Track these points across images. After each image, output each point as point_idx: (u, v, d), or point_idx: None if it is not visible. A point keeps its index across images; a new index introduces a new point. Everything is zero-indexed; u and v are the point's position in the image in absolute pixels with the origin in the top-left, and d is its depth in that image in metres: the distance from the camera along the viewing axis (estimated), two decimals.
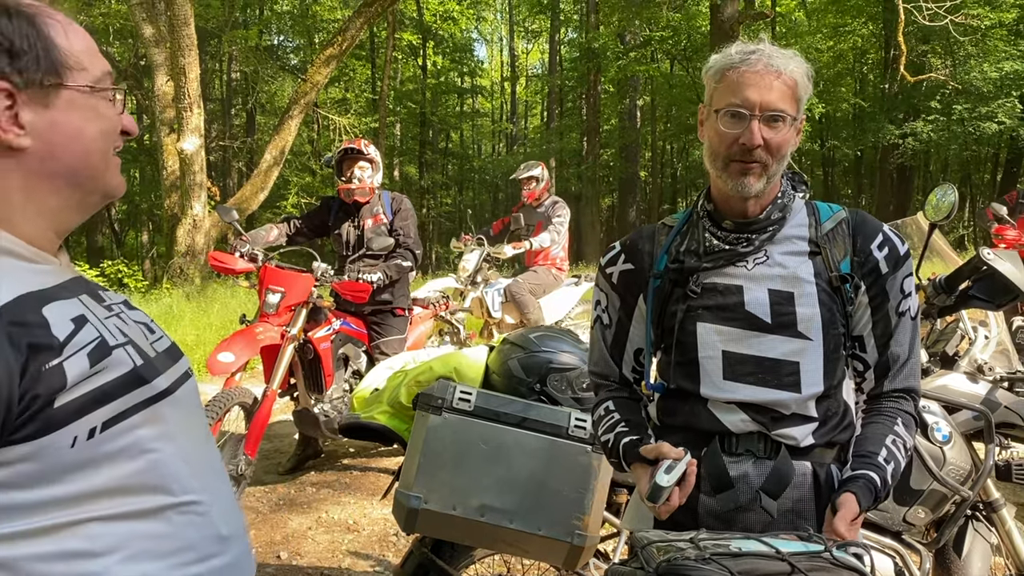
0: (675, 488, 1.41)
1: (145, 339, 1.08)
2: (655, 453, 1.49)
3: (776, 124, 1.49)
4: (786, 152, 1.53)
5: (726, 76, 1.52)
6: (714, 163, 1.55)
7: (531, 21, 33.19)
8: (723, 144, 1.51)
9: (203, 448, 1.11)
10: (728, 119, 1.50)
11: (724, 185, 1.54)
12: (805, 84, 1.54)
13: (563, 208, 6.66)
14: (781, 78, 1.49)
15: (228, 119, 25.88)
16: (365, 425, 2.42)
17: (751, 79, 1.49)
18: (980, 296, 2.39)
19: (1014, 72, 18.46)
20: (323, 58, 12.74)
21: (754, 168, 1.50)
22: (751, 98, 1.48)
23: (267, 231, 4.66)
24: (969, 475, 2.38)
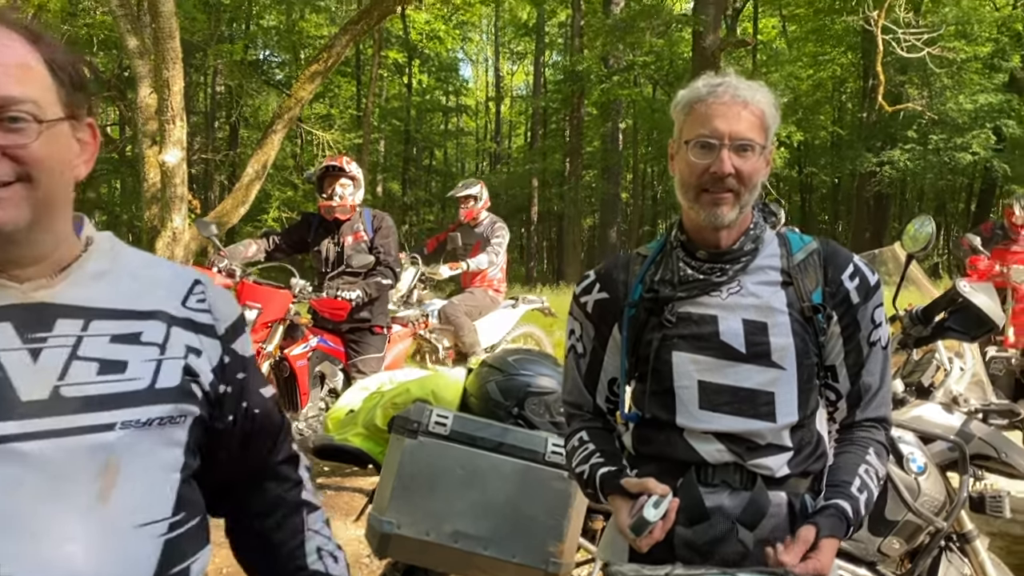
0: (659, 522, 1.41)
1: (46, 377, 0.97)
2: (640, 487, 1.47)
3: (745, 153, 1.51)
4: (757, 181, 1.54)
5: (694, 109, 1.54)
6: (686, 194, 1.56)
7: (516, 43, 33.39)
8: (694, 175, 1.53)
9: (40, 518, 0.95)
10: (698, 150, 1.51)
11: (696, 216, 1.55)
12: (772, 114, 1.56)
13: (502, 229, 6.48)
14: (748, 108, 1.52)
15: (211, 132, 25.74)
16: (339, 447, 2.39)
17: (719, 110, 1.51)
18: (956, 328, 2.41)
19: (988, 104, 18.81)
20: (308, 74, 12.66)
21: (726, 198, 1.52)
22: (720, 128, 1.50)
23: (245, 246, 4.62)
24: (943, 506, 2.38)
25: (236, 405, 1.13)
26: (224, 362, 1.11)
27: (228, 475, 1.17)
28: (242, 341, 1.16)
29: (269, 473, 1.21)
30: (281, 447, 1.22)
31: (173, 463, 1.05)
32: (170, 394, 1.04)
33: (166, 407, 1.03)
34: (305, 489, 1.23)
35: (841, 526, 1.45)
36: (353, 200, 4.59)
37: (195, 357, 1.07)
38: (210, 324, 1.11)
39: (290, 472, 1.24)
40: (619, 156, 23.35)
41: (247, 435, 1.16)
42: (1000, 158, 19.16)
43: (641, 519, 1.39)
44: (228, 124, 25.34)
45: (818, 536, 1.41)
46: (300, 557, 1.19)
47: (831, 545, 1.42)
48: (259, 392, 1.17)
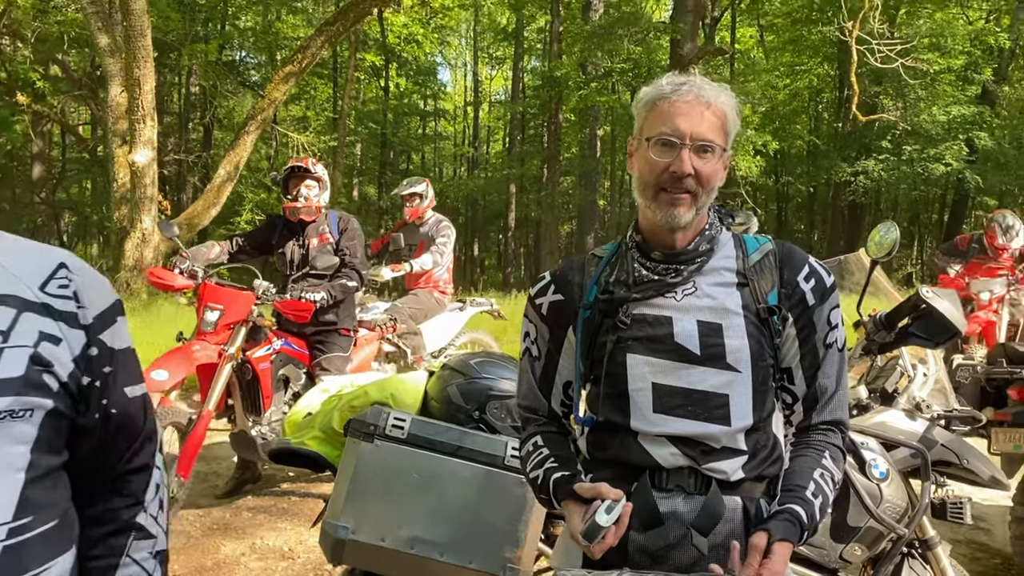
0: (612, 527, 1.37)
1: None
2: (592, 493, 1.44)
3: (706, 155, 1.49)
4: (714, 184, 1.53)
5: (657, 106, 1.52)
6: (644, 193, 1.54)
7: (495, 48, 33.40)
8: (653, 173, 1.51)
9: None
10: (659, 148, 1.49)
11: (653, 216, 1.53)
12: (734, 118, 1.55)
13: (448, 228, 6.26)
14: (711, 109, 1.50)
15: (185, 133, 25.49)
16: (295, 451, 2.33)
17: (682, 108, 1.49)
18: (919, 334, 2.41)
19: (961, 116, 19.08)
20: (282, 75, 12.64)
21: (684, 198, 1.50)
22: (682, 127, 1.48)
23: (209, 248, 4.56)
24: (905, 513, 2.38)
25: (97, 402, 1.05)
26: (89, 353, 1.03)
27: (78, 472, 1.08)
28: (112, 332, 1.07)
29: (114, 481, 1.10)
30: (138, 454, 1.11)
31: (15, 462, 0.96)
32: (10, 385, 0.95)
33: (5, 399, 0.95)
34: (144, 513, 1.12)
35: (794, 531, 1.42)
36: (319, 202, 4.54)
37: (50, 345, 0.99)
38: (72, 311, 1.02)
39: (135, 487, 1.12)
40: (597, 163, 23.40)
41: (105, 434, 1.07)
42: (972, 169, 19.41)
43: (594, 524, 1.35)
44: (202, 125, 25.10)
45: (770, 541, 1.38)
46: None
47: (784, 550, 1.39)
48: (123, 390, 1.08)
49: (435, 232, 6.17)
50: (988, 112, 19.89)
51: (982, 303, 6.46)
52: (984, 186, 20.17)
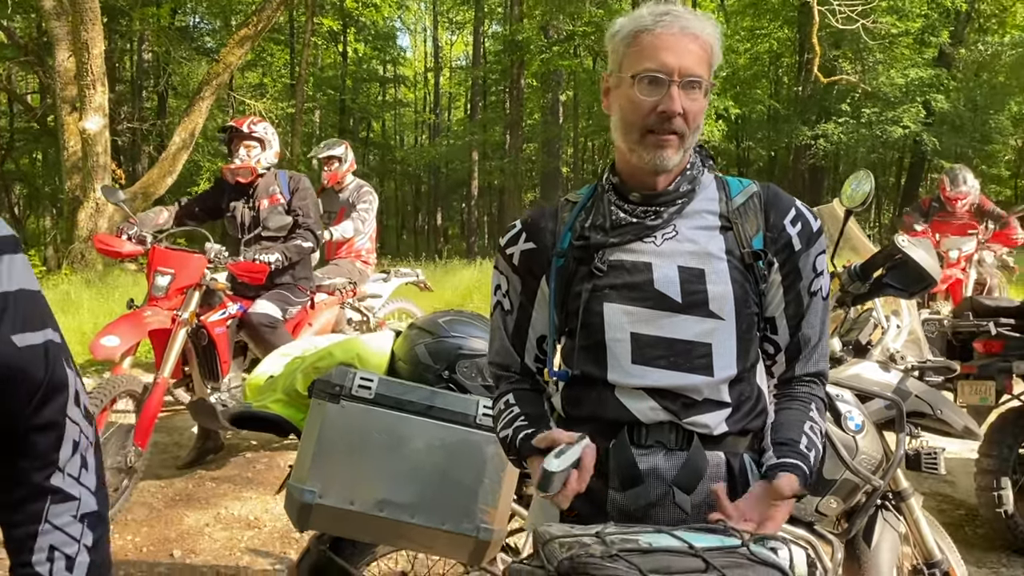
0: (573, 472, 1.28)
1: None
2: (547, 442, 1.37)
3: (693, 91, 1.41)
4: (700, 123, 1.45)
5: (639, 39, 1.42)
6: (627, 135, 1.44)
7: (455, 12, 32.95)
8: (639, 114, 1.41)
9: None
10: (645, 86, 1.40)
11: (639, 160, 1.44)
12: (718, 51, 1.46)
13: (370, 194, 5.89)
14: (698, 41, 1.41)
15: (138, 101, 24.80)
16: (257, 415, 2.24)
17: (667, 41, 1.39)
18: (894, 284, 2.38)
19: (919, 79, 19.25)
20: (238, 38, 12.29)
21: (671, 140, 1.41)
22: (669, 63, 1.38)
23: (156, 213, 4.41)
24: (880, 464, 2.36)
25: None
26: None
27: None
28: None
29: (18, 440, 0.98)
30: (39, 411, 0.98)
31: None
32: None
33: None
34: (60, 474, 0.99)
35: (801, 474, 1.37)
36: (259, 162, 4.38)
37: None
38: None
39: (43, 446, 0.99)
40: (559, 129, 23.29)
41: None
42: (929, 132, 19.65)
43: (544, 472, 1.25)
44: (156, 93, 24.43)
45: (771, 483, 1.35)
46: (26, 552, 0.99)
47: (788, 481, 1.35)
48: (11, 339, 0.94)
49: (356, 198, 5.83)
50: (945, 75, 20.10)
51: (951, 261, 6.54)
52: (940, 148, 20.43)
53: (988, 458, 3.58)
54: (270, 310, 4.26)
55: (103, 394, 3.41)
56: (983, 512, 3.65)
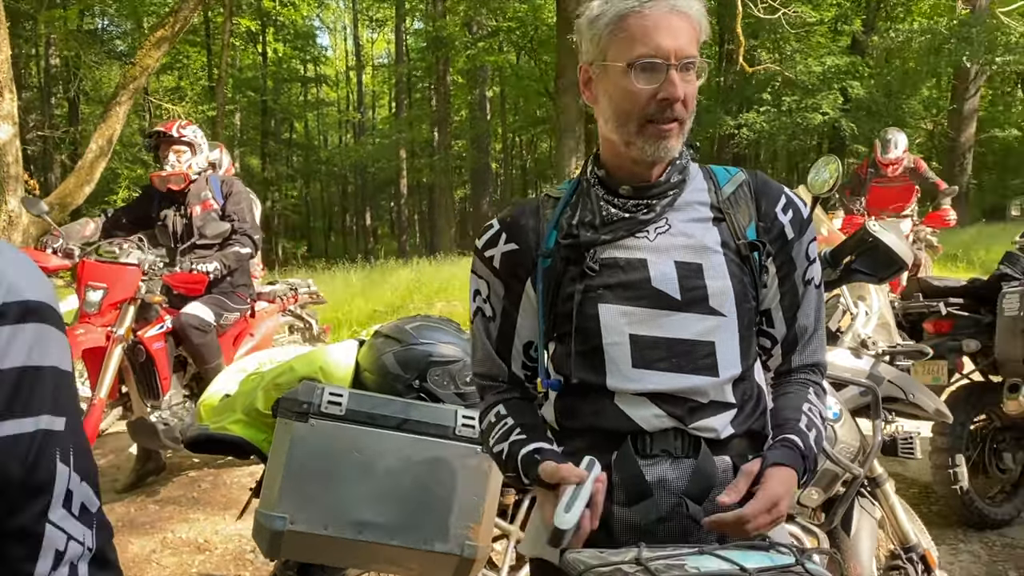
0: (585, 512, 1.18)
1: None
2: (556, 479, 1.26)
3: (689, 73, 1.32)
4: (694, 106, 1.36)
5: (626, 22, 1.30)
6: (623, 127, 1.34)
7: (375, 10, 32.49)
8: (637, 103, 1.31)
9: None
10: (642, 73, 1.29)
11: (640, 152, 1.34)
12: (707, 26, 1.37)
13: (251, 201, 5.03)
14: (688, 19, 1.31)
15: (48, 108, 23.79)
16: (216, 437, 2.09)
17: (660, 22, 1.29)
18: (863, 270, 2.35)
19: (835, 66, 19.78)
20: (153, 40, 11.81)
21: (672, 128, 1.32)
22: (665, 45, 1.28)
23: (83, 225, 4.16)
24: (858, 452, 2.34)
25: None
26: None
27: None
28: None
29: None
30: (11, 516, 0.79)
31: None
32: None
33: None
34: None
35: (794, 455, 1.29)
36: (190, 167, 4.17)
37: None
38: None
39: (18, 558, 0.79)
40: (487, 125, 23.20)
41: None
42: (847, 118, 20.22)
43: (555, 530, 1.15)
44: (66, 99, 23.49)
45: (764, 465, 1.27)
46: None
47: (782, 473, 1.26)
48: None
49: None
50: (859, 62, 20.71)
51: None
52: (858, 133, 21.05)
53: (942, 436, 3.63)
54: (202, 312, 4.05)
55: None
56: (939, 489, 3.71)
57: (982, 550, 3.50)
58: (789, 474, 1.27)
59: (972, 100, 19.24)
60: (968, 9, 18.00)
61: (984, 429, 3.80)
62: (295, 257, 25.71)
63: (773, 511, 1.22)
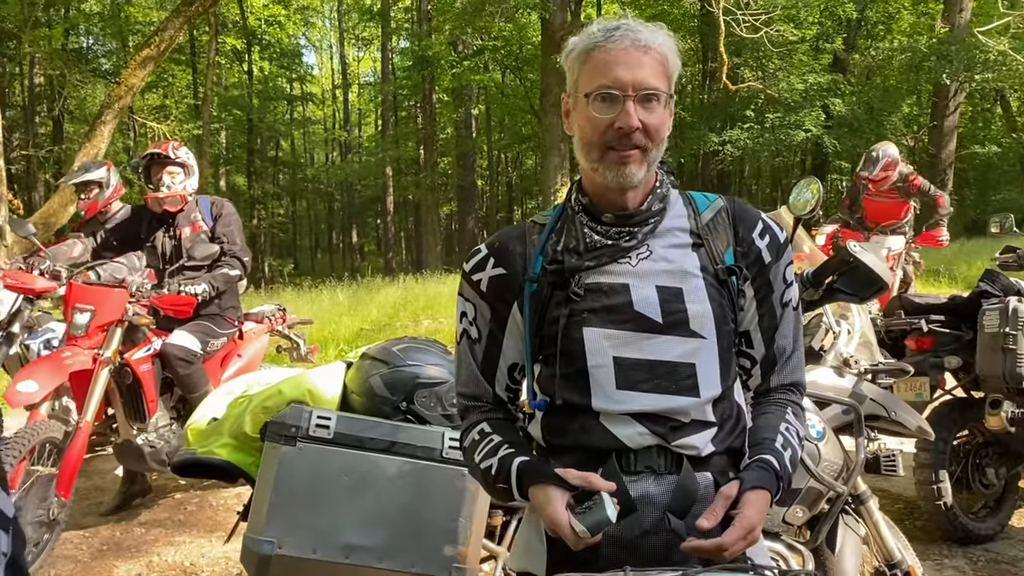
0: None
1: None
2: (582, 481, 1.31)
3: (651, 104, 1.37)
4: (664, 135, 1.41)
5: (591, 57, 1.38)
6: (588, 154, 1.40)
7: (362, 28, 32.62)
8: (596, 131, 1.37)
9: None
10: (600, 103, 1.36)
11: (602, 178, 1.40)
12: (675, 60, 1.42)
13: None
14: (650, 53, 1.37)
15: (31, 127, 23.70)
16: (203, 462, 2.09)
17: (619, 56, 1.36)
18: (845, 290, 2.39)
19: (817, 84, 20.01)
20: (139, 59, 11.83)
21: (633, 155, 1.37)
22: (622, 77, 1.35)
23: (70, 246, 4.14)
24: (842, 470, 2.37)
25: None
26: None
27: None
28: None
29: None
30: None
31: None
32: None
33: None
34: None
35: (769, 477, 1.34)
36: (184, 188, 4.17)
37: None
38: None
39: None
40: (473, 143, 23.29)
41: None
42: (829, 134, 20.44)
43: (603, 518, 1.23)
44: (51, 118, 23.41)
45: (741, 489, 1.30)
46: None
47: (758, 497, 1.31)
48: None
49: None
50: (841, 80, 20.96)
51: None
52: (840, 149, 21.27)
53: (925, 452, 3.66)
54: (188, 343, 4.03)
55: (21, 444, 3.17)
56: (923, 505, 3.73)
57: (967, 565, 3.53)
58: (764, 497, 1.31)
59: (952, 117, 19.44)
60: (947, 28, 18.28)
61: (967, 445, 3.83)
62: (282, 275, 25.64)
63: (749, 537, 1.27)
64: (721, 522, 1.28)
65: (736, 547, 1.25)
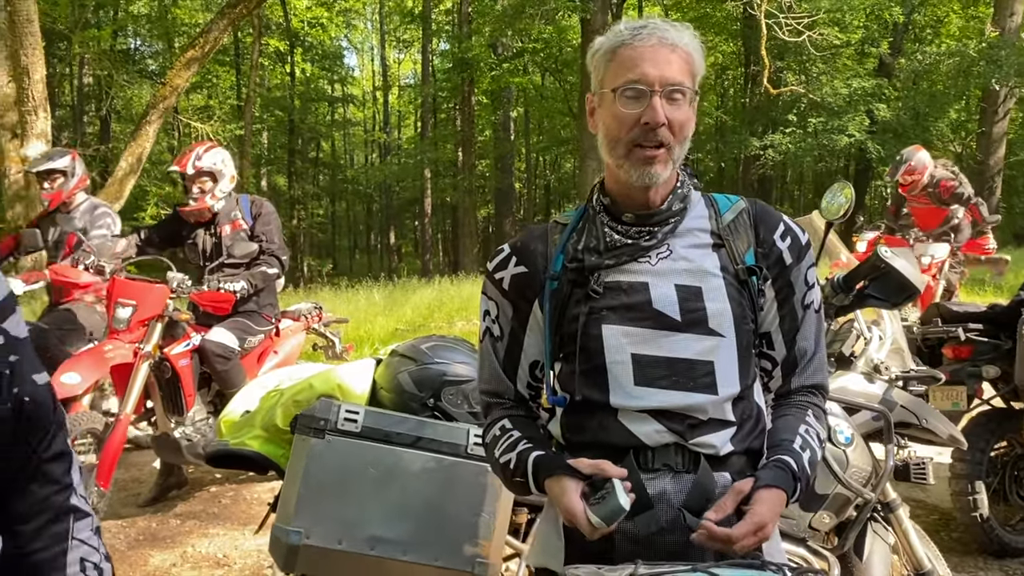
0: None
1: None
2: (594, 469, 1.33)
3: (677, 100, 1.39)
4: (688, 133, 1.43)
5: (618, 54, 1.41)
6: (614, 151, 1.42)
7: (403, 31, 32.88)
8: (623, 128, 1.39)
9: None
10: (627, 99, 1.38)
11: (627, 176, 1.42)
12: (700, 59, 1.45)
13: (108, 216, 4.82)
14: (677, 51, 1.40)
15: (80, 126, 24.30)
16: (235, 453, 2.14)
17: (646, 53, 1.38)
18: (876, 295, 2.37)
19: (861, 89, 19.71)
20: (184, 61, 12.04)
21: (659, 154, 1.39)
22: (649, 73, 1.37)
23: (114, 242, 4.23)
24: (870, 477, 2.35)
25: (8, 391, 1.01)
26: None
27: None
28: (13, 321, 1.03)
29: (35, 472, 1.06)
30: (52, 442, 1.08)
31: None
32: None
33: None
34: (75, 494, 1.10)
35: (785, 477, 1.34)
36: (214, 195, 4.21)
37: None
38: None
39: (59, 473, 1.08)
40: (511, 145, 23.34)
41: (17, 424, 1.02)
42: (873, 140, 20.11)
43: (617, 507, 1.25)
44: (98, 118, 23.96)
45: (755, 487, 1.31)
46: (60, 568, 1.07)
47: (772, 496, 1.31)
48: (32, 379, 1.04)
49: (90, 223, 4.75)
50: (886, 84, 20.62)
51: (922, 267, 6.60)
52: (884, 155, 20.89)
53: (962, 463, 3.60)
54: (226, 339, 4.12)
55: None
56: (959, 517, 3.68)
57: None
58: (778, 496, 1.32)
59: (1001, 123, 19.00)
60: (997, 32, 17.89)
61: (1005, 456, 3.76)
62: (320, 275, 25.93)
63: (759, 533, 1.27)
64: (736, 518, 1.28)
65: (746, 541, 1.26)
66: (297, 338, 4.89)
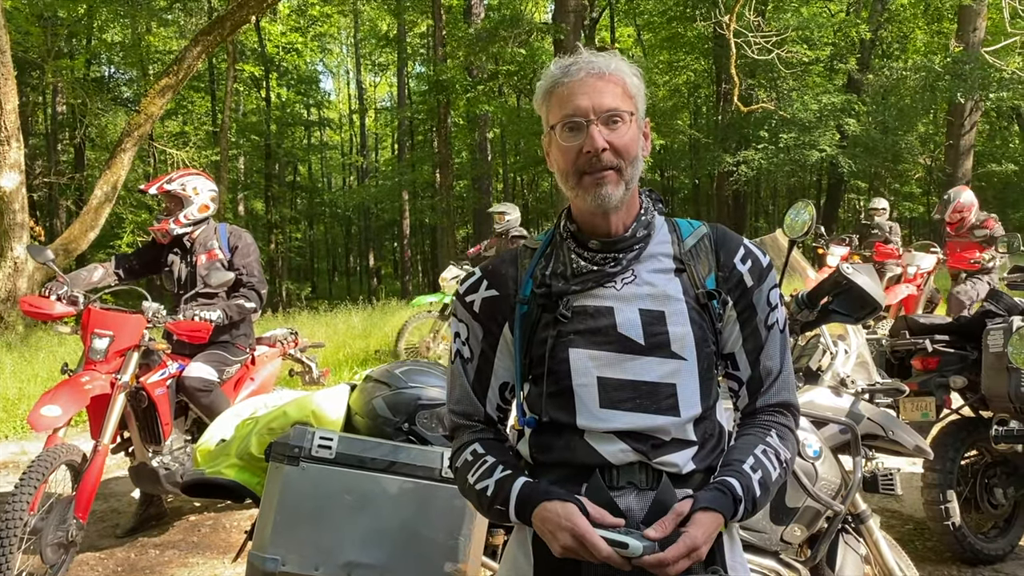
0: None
1: None
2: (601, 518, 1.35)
3: (616, 124, 1.44)
4: (636, 153, 1.47)
5: (554, 93, 1.47)
6: (567, 182, 1.47)
7: (378, 54, 33.01)
8: (568, 159, 1.45)
9: None
10: (567, 132, 1.44)
11: (584, 203, 1.46)
12: (635, 82, 1.49)
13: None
14: (606, 79, 1.45)
15: (54, 155, 24.13)
16: (211, 481, 2.15)
17: (577, 88, 1.44)
18: (840, 311, 2.43)
19: (831, 104, 20.03)
20: (158, 88, 12.07)
21: (608, 176, 1.43)
22: (582, 105, 1.42)
23: (90, 271, 4.22)
24: (840, 489, 2.40)
25: None
26: None
27: None
28: None
29: None
30: None
31: None
32: None
33: None
34: None
35: (724, 500, 1.36)
36: (176, 220, 4.24)
37: None
38: None
39: None
40: (488, 166, 23.42)
41: None
42: (844, 154, 20.42)
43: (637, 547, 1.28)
44: (72, 146, 23.84)
45: (693, 509, 1.33)
46: None
47: (707, 519, 1.33)
48: None
49: None
50: (855, 100, 20.96)
51: (908, 276, 6.70)
52: (856, 169, 21.23)
53: (933, 472, 3.66)
54: (205, 373, 4.12)
55: (42, 467, 3.25)
56: (931, 525, 3.73)
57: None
58: (714, 519, 1.34)
59: (968, 135, 19.37)
60: (961, 46, 18.26)
61: (975, 464, 3.83)
62: (299, 299, 25.83)
63: (692, 556, 1.29)
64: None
65: (678, 565, 1.28)
66: (273, 364, 4.89)
